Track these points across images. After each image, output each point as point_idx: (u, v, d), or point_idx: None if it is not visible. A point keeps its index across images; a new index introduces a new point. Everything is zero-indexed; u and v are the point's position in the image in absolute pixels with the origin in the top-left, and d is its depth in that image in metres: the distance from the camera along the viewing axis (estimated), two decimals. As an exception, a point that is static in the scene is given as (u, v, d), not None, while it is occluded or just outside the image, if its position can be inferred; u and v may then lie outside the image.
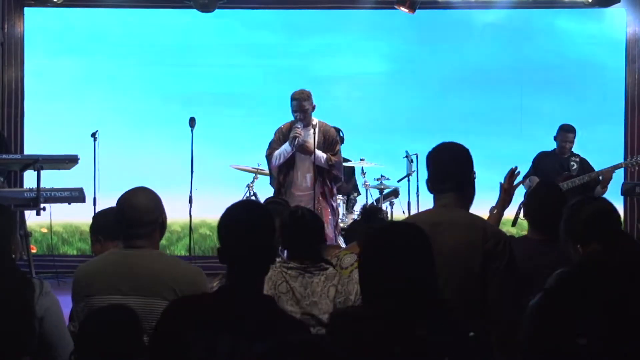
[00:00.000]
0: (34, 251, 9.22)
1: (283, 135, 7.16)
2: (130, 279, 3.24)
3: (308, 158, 7.14)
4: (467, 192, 3.35)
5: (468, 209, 3.36)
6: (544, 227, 3.86)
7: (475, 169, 3.41)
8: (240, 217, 2.71)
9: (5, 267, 3.22)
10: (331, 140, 7.21)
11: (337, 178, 7.32)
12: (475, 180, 3.40)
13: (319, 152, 7.09)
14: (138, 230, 3.33)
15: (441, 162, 3.34)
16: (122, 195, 3.43)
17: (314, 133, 7.06)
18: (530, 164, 8.18)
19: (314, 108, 7.11)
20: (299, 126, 7.00)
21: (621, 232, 3.45)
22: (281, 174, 7.20)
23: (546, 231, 3.82)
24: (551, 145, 8.19)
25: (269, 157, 7.19)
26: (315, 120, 7.15)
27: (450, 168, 3.32)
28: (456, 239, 3.16)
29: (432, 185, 3.37)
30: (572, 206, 3.36)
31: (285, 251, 4.08)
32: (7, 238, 3.30)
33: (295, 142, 7.00)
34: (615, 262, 2.48)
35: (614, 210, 3.38)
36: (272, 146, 7.20)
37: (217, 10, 9.27)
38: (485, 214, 4.18)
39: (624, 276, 2.36)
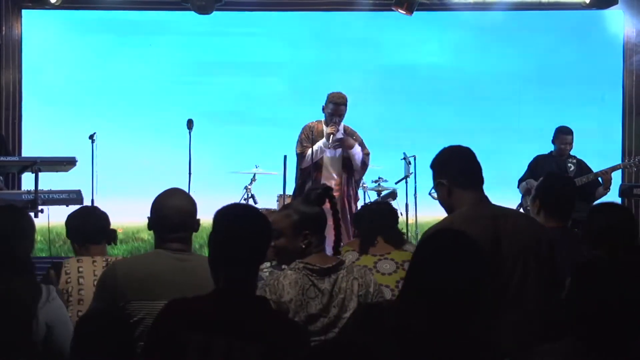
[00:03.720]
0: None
1: (312, 133, 7.20)
2: (193, 285, 3.10)
3: (338, 159, 7.16)
4: None
5: None
6: (560, 215, 4.01)
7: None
8: (235, 219, 2.71)
9: (12, 269, 3.21)
10: (360, 141, 7.29)
11: (360, 179, 7.41)
12: None
13: (357, 147, 7.15)
14: (180, 234, 3.30)
15: (472, 159, 3.34)
16: (160, 197, 3.37)
17: (344, 135, 7.17)
18: (527, 164, 8.19)
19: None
20: (336, 123, 7.06)
21: (631, 245, 3.56)
22: (313, 172, 7.21)
23: (562, 218, 4.01)
24: (550, 146, 8.19)
25: (301, 154, 7.21)
26: (342, 124, 7.24)
27: (480, 166, 3.35)
28: (528, 229, 3.22)
29: (467, 181, 3.29)
30: (591, 212, 3.70)
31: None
32: (16, 240, 3.29)
33: (331, 140, 7.04)
34: (615, 269, 2.51)
35: (627, 220, 3.52)
36: (302, 144, 7.21)
37: (215, 12, 9.26)
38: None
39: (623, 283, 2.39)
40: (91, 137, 8.31)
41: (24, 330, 3.10)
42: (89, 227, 4.15)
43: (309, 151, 7.13)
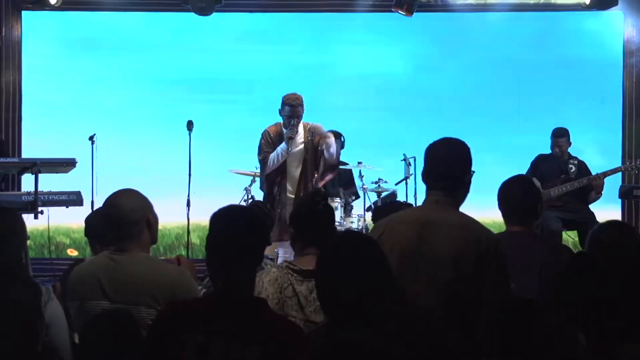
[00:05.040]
0: (74, 254, 9.26)
1: (272, 138, 7.11)
2: (117, 285, 3.22)
3: (298, 160, 7.09)
4: (459, 191, 3.34)
5: (458, 207, 3.36)
6: (521, 220, 3.94)
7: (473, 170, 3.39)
8: (231, 221, 2.73)
9: (17, 273, 3.22)
10: (320, 131, 7.17)
11: (334, 167, 7.32)
12: (472, 179, 3.37)
13: (332, 139, 7.03)
14: (124, 230, 3.31)
15: (438, 158, 3.33)
16: (106, 199, 3.42)
17: (304, 134, 7.08)
18: (527, 166, 8.20)
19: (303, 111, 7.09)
20: (294, 125, 6.98)
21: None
22: (277, 178, 7.14)
23: (524, 223, 3.93)
24: (548, 149, 8.20)
25: (264, 160, 7.12)
26: (301, 123, 7.13)
27: (446, 165, 3.31)
28: (450, 239, 3.17)
29: (426, 180, 3.37)
30: (593, 233, 3.66)
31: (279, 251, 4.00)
32: (17, 242, 3.29)
33: (290, 144, 6.97)
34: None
35: (629, 238, 3.58)
36: (264, 149, 7.12)
37: (215, 14, 9.27)
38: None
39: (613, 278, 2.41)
40: (91, 138, 8.31)
41: (31, 331, 3.11)
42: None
43: (271, 156, 7.07)
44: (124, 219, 3.30)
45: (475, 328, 3.06)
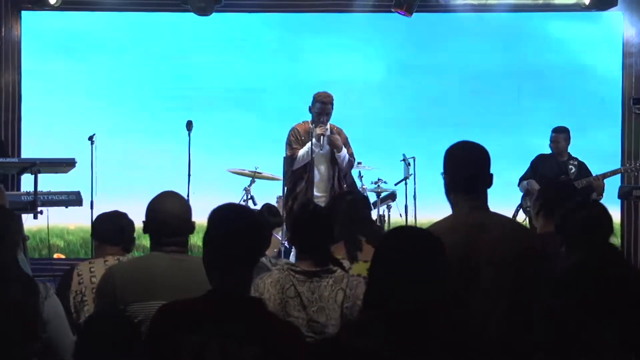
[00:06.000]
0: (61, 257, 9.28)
1: (300, 135, 7.20)
2: (190, 284, 3.11)
3: (326, 159, 7.18)
4: (486, 194, 3.24)
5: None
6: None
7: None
8: (229, 219, 2.71)
9: (12, 271, 3.23)
10: (345, 139, 7.30)
11: (347, 176, 7.43)
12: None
13: (344, 150, 7.20)
14: (178, 238, 3.33)
15: (466, 163, 3.22)
16: (155, 202, 3.38)
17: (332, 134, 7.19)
18: (527, 167, 8.19)
19: None
20: (324, 122, 7.09)
21: (606, 243, 3.63)
22: (304, 174, 7.19)
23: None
24: (548, 149, 8.19)
25: (291, 157, 7.18)
26: (329, 122, 7.25)
27: (479, 168, 3.21)
28: (507, 242, 3.06)
29: (454, 187, 3.21)
30: (567, 210, 3.70)
31: (290, 251, 4.03)
32: (12, 240, 3.30)
33: (322, 140, 7.06)
34: (598, 271, 2.53)
35: (603, 218, 3.52)
36: (292, 146, 7.20)
37: (214, 14, 9.27)
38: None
39: (607, 284, 2.40)
40: (90, 138, 8.30)
41: (29, 329, 3.12)
42: (108, 226, 4.24)
43: (300, 153, 7.13)
44: (179, 227, 3.33)
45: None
